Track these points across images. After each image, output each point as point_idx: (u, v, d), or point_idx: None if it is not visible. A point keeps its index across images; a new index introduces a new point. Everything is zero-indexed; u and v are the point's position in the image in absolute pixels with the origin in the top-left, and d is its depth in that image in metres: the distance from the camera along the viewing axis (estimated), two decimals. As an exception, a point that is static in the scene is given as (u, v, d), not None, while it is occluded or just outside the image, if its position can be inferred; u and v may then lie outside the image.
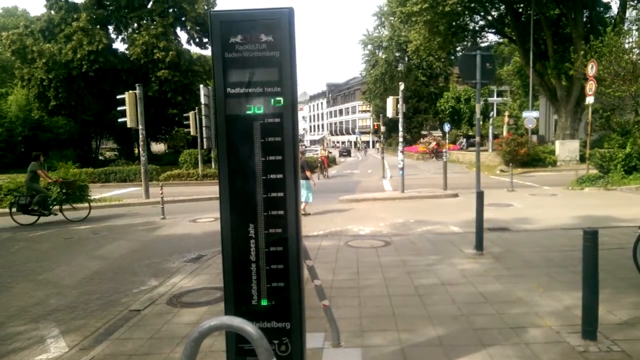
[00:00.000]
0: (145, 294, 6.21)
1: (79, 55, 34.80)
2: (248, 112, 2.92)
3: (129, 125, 17.89)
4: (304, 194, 12.27)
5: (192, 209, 15.25)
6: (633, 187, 15.08)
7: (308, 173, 12.68)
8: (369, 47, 67.25)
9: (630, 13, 28.82)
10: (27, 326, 5.35)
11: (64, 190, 13.76)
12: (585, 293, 4.10)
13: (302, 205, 12.26)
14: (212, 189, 14.94)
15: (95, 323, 5.31)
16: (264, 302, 3.06)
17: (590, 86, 17.20)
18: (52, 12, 38.56)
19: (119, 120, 18.31)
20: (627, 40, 23.26)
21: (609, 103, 24.80)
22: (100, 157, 46.74)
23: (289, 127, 2.92)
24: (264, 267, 3.03)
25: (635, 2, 27.94)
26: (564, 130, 30.52)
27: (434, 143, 43.83)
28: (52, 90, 35.94)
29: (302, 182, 12.09)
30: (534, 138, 33.00)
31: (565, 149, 27.59)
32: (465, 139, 44.75)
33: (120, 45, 41.10)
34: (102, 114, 39.04)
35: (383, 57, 64.48)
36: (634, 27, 26.49)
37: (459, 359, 3.91)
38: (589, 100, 17.53)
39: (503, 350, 4.02)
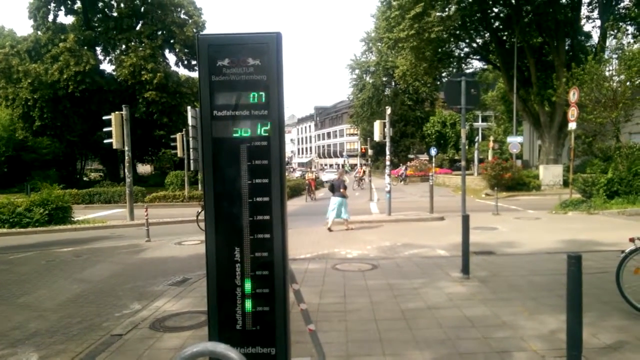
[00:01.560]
0: (128, 318, 6.09)
1: (65, 76, 34.69)
2: (235, 135, 2.92)
3: (114, 147, 17.79)
4: (342, 210, 13.66)
5: (177, 231, 15.11)
6: (615, 212, 15.28)
7: (343, 191, 13.90)
8: (357, 71, 68.05)
9: (610, 42, 29.65)
10: (4, 351, 5.21)
11: None
12: (569, 317, 4.10)
13: (329, 221, 13.75)
14: (198, 211, 14.83)
15: (75, 348, 5.18)
16: (249, 327, 3.02)
17: (572, 112, 17.55)
18: (39, 32, 38.53)
19: (105, 141, 18.20)
20: (607, 68, 23.93)
21: (590, 129, 25.33)
22: (85, 178, 46.23)
23: (276, 150, 2.93)
24: (249, 291, 3.00)
25: (615, 31, 28.77)
26: (547, 155, 30.99)
27: (360, 169, 41.86)
28: (37, 111, 35.66)
29: (340, 199, 13.67)
30: (519, 162, 33.46)
31: (549, 173, 27.97)
32: (404, 167, 43.65)
33: (107, 67, 40.92)
34: (88, 134, 38.75)
35: (370, 81, 65.26)
36: (614, 56, 27.20)
37: (445, 384, 3.88)
38: (571, 126, 17.86)
39: (489, 375, 4.00)
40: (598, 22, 31.14)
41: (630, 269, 5.30)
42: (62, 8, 39.12)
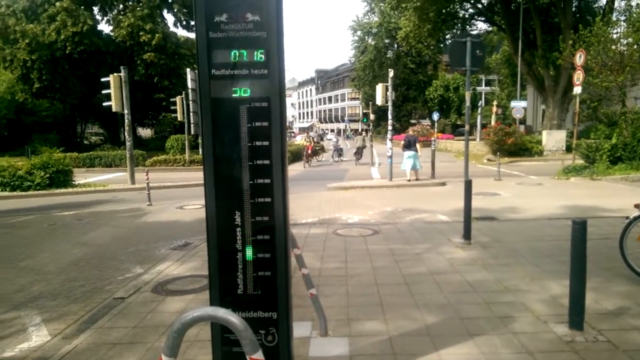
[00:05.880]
0: (130, 282, 6.11)
1: (62, 37, 33.96)
2: (234, 95, 2.81)
3: (114, 109, 17.62)
4: (416, 163, 16.05)
5: (179, 195, 15.11)
6: (618, 178, 15.22)
7: (419, 146, 16.29)
8: (359, 33, 66.76)
9: (619, 3, 29.02)
10: (8, 314, 5.24)
11: None
12: (572, 283, 4.09)
13: (411, 173, 16.17)
14: (200, 175, 14.70)
15: (78, 311, 5.21)
16: (250, 292, 2.99)
17: (578, 76, 17.25)
18: (35, -9, 37.50)
19: (104, 104, 17.99)
20: (615, 31, 23.34)
21: (596, 94, 24.96)
22: (86, 142, 45.99)
23: (277, 111, 2.82)
24: (251, 256, 2.96)
25: (624, -8, 27.98)
26: (551, 120, 30.68)
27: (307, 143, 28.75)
28: (36, 72, 35.08)
29: (414, 153, 15.98)
30: (522, 128, 33.14)
31: (552, 139, 27.76)
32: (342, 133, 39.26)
33: (105, 27, 40.17)
34: (87, 97, 38.24)
35: (372, 43, 64.09)
36: (622, 18, 26.48)
37: (446, 348, 3.88)
38: (577, 90, 17.59)
39: (490, 339, 4.01)
40: (607, -18, 30.26)
41: (634, 235, 5.25)
42: (58, -35, 37.94)
